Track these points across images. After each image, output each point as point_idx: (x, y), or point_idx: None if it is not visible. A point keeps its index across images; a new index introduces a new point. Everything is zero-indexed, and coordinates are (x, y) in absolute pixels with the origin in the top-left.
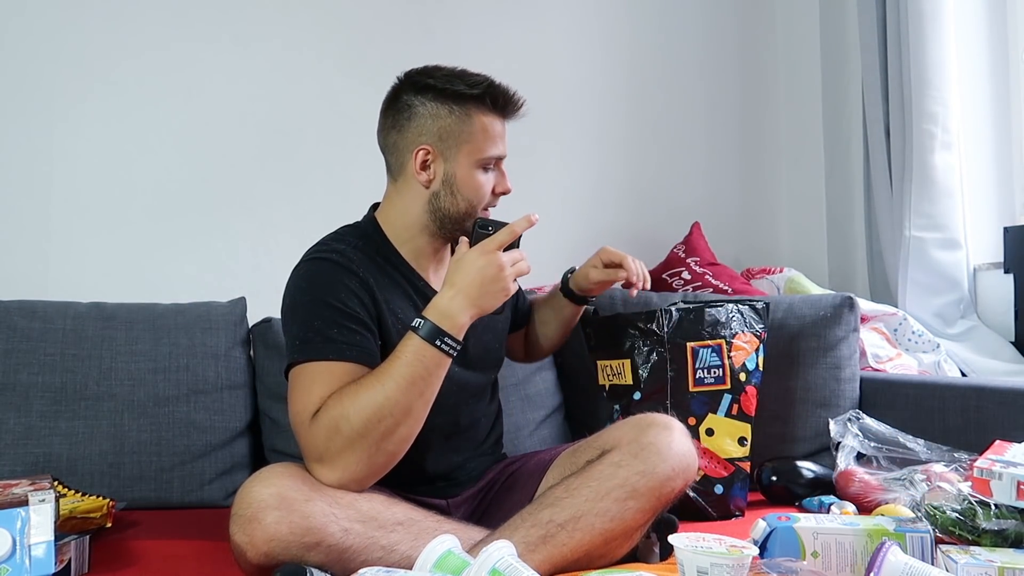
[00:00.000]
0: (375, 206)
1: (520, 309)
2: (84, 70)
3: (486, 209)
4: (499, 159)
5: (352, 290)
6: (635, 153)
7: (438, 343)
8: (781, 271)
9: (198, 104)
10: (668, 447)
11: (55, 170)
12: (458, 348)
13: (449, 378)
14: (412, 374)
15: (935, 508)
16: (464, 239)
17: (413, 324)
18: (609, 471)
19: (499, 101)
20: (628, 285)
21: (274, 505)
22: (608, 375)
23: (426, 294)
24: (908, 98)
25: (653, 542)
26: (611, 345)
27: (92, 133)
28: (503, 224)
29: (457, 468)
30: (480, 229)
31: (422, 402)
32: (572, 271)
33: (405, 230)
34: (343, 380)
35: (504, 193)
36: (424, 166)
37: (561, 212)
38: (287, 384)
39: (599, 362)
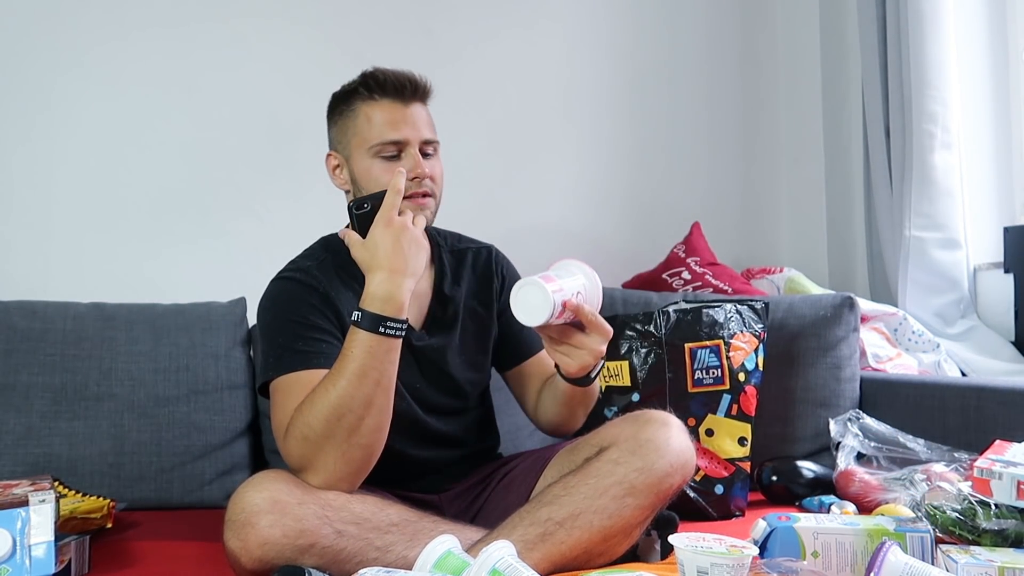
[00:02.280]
0: None
1: (521, 337)
2: (84, 70)
3: (414, 197)
4: (400, 143)
5: (314, 305)
6: (635, 153)
7: (382, 329)
8: (781, 271)
9: (198, 104)
10: (666, 443)
11: (55, 170)
12: (404, 326)
13: (416, 423)
14: (362, 366)
15: (935, 508)
16: (346, 231)
17: (352, 318)
18: (607, 468)
19: (375, 84)
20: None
21: (267, 509)
22: (604, 376)
23: None
24: (908, 98)
25: (654, 540)
26: (608, 347)
27: (92, 133)
28: (376, 195)
29: (445, 466)
30: (357, 211)
31: (380, 390)
32: None
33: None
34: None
35: (415, 177)
36: (335, 171)
37: (562, 212)
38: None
39: None
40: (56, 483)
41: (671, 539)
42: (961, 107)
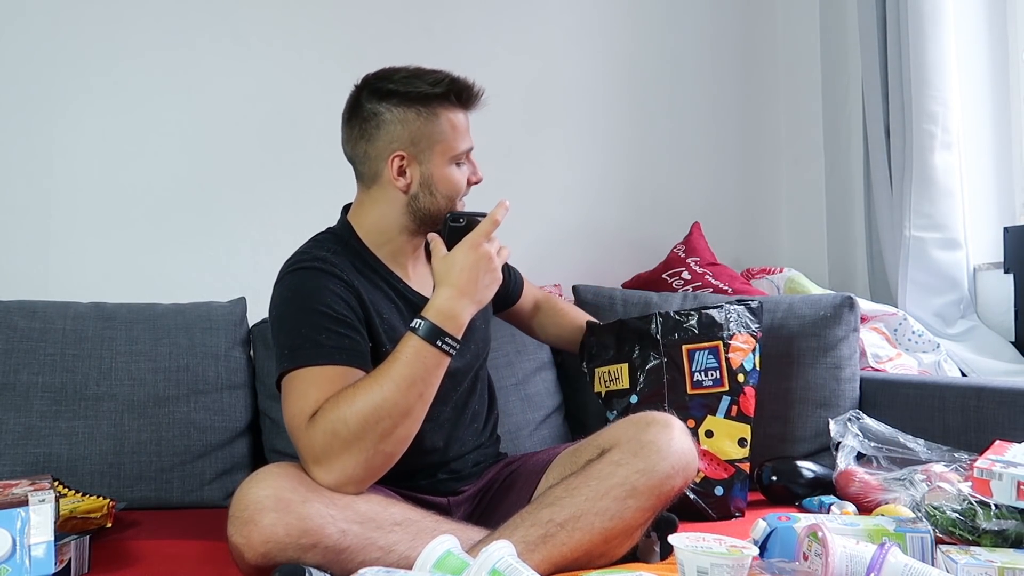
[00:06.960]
0: (347, 208)
1: (509, 287)
2: (84, 69)
3: (461, 201)
4: (469, 151)
5: (338, 294)
6: (635, 153)
7: (439, 343)
8: (781, 271)
9: (199, 104)
10: (668, 445)
11: (55, 170)
12: (458, 347)
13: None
14: (411, 375)
15: (935, 508)
16: (435, 236)
17: (412, 325)
18: (609, 470)
19: (462, 96)
20: None
21: (271, 507)
22: (604, 381)
23: (406, 295)
24: (908, 98)
25: (653, 541)
26: (610, 350)
27: (92, 133)
28: (474, 214)
29: (457, 459)
30: (452, 223)
31: (421, 403)
32: None
33: (382, 234)
34: (336, 383)
35: (477, 182)
36: (400, 172)
37: (562, 212)
38: (280, 394)
39: (596, 369)
40: (56, 483)
41: (671, 539)
42: (961, 107)
